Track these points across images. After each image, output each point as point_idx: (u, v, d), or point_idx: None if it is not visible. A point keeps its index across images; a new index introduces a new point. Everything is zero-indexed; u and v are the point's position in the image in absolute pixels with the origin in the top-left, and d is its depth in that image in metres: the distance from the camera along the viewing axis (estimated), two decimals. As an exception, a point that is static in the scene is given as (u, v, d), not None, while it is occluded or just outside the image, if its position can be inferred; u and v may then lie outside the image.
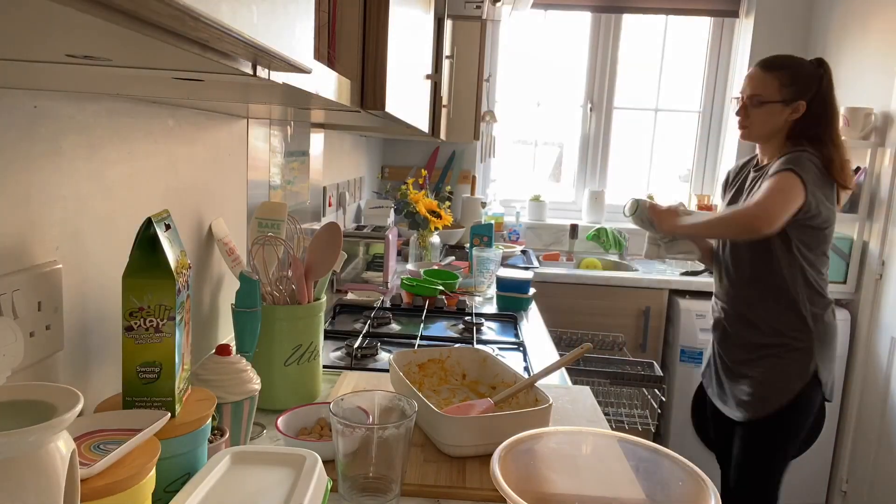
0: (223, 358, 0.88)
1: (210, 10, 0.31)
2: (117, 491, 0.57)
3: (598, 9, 3.28)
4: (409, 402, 0.82)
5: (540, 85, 3.46)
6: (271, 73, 0.51)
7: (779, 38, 3.13)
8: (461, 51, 2.56)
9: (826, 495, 2.70)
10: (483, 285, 2.16)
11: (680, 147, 3.50)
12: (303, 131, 1.69)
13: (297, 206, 1.66)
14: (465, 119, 2.64)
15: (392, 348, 1.49)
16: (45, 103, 0.71)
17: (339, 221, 2.22)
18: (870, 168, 2.56)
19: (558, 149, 3.58)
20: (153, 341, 0.69)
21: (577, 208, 3.49)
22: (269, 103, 0.93)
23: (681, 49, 3.42)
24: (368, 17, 0.91)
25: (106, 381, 0.87)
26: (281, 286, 1.12)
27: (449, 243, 2.99)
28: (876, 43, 2.61)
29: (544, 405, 0.96)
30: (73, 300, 0.79)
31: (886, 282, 2.48)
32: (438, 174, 3.36)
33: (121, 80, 0.59)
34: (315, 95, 0.66)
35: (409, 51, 1.15)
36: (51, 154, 0.73)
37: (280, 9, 0.43)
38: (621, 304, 2.78)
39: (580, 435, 0.83)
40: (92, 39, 0.36)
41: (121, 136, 0.86)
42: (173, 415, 0.71)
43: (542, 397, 1.01)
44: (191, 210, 1.10)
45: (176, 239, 0.73)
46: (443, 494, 0.86)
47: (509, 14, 2.32)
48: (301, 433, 0.96)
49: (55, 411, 0.47)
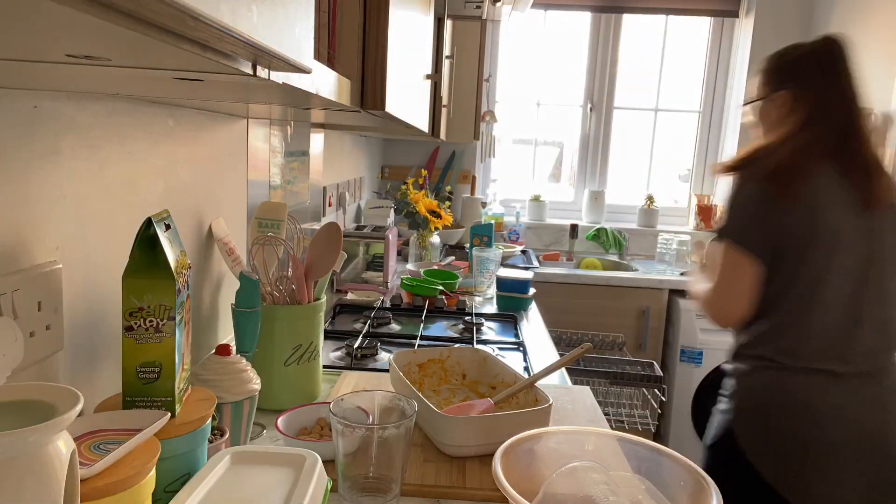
0: (223, 358, 0.88)
1: (210, 10, 0.31)
2: (117, 491, 0.57)
3: (598, 9, 3.28)
4: (409, 402, 0.82)
5: (540, 85, 3.46)
6: (271, 73, 0.51)
7: (779, 39, 3.13)
8: (461, 51, 2.56)
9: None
10: (483, 285, 2.16)
11: (680, 147, 3.50)
12: (303, 131, 1.69)
13: (297, 206, 1.66)
14: (465, 119, 2.64)
15: (392, 348, 1.49)
16: (45, 103, 0.71)
17: (339, 221, 2.22)
18: (870, 168, 2.56)
19: (558, 149, 3.58)
20: (153, 341, 0.69)
21: (577, 208, 3.49)
22: (269, 103, 0.93)
23: (681, 49, 3.43)
24: (368, 17, 0.91)
25: (106, 381, 0.87)
26: (281, 286, 1.12)
27: (449, 243, 2.99)
28: (876, 43, 2.61)
29: (544, 405, 0.96)
30: (73, 300, 0.79)
31: (886, 282, 2.47)
32: (438, 174, 3.37)
33: (121, 80, 0.59)
34: (315, 95, 0.66)
35: (409, 51, 1.15)
36: (51, 154, 0.73)
37: (280, 9, 0.43)
38: (621, 304, 2.78)
39: (580, 435, 0.83)
40: (92, 39, 0.36)
41: (121, 136, 0.86)
42: (173, 415, 0.71)
43: (542, 397, 1.01)
44: (191, 210, 1.10)
45: (176, 239, 0.73)
46: (443, 494, 0.86)
47: (509, 14, 2.32)
48: (301, 433, 0.96)
49: (55, 411, 0.47)
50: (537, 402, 1.02)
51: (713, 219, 3.31)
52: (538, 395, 1.03)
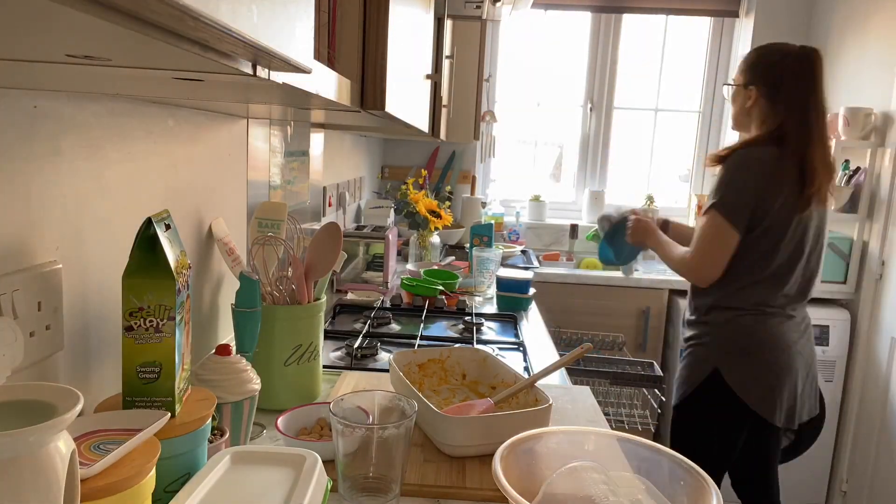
0: (223, 358, 0.88)
1: (210, 10, 0.31)
2: (117, 491, 0.57)
3: (598, 9, 3.28)
4: (409, 402, 0.82)
5: (540, 85, 3.46)
6: (271, 73, 0.51)
7: (779, 39, 3.10)
8: (461, 51, 2.56)
9: (826, 495, 2.70)
10: (483, 285, 2.16)
11: (680, 147, 3.50)
12: (303, 131, 1.69)
13: (297, 206, 1.66)
14: (465, 119, 2.64)
15: (392, 348, 1.49)
16: (45, 103, 0.71)
17: (339, 221, 2.22)
18: (870, 168, 2.56)
19: (558, 149, 3.58)
20: (153, 341, 0.69)
21: (577, 208, 3.49)
22: (269, 103, 0.93)
23: (681, 49, 3.43)
24: (368, 17, 0.91)
25: (106, 381, 0.87)
26: (281, 286, 1.12)
27: (449, 243, 2.99)
28: (876, 43, 2.61)
29: (544, 405, 0.96)
30: (73, 300, 0.79)
31: (886, 282, 2.48)
32: (438, 174, 3.37)
33: (121, 80, 0.59)
34: (315, 95, 0.66)
35: (409, 51, 1.15)
36: (51, 154, 0.73)
37: (280, 9, 0.43)
38: (621, 304, 2.78)
39: (580, 435, 0.83)
40: (92, 39, 0.36)
41: (121, 136, 0.86)
42: (173, 415, 0.71)
43: (542, 397, 1.01)
44: (191, 210, 1.10)
45: (176, 239, 0.73)
46: (443, 494, 0.86)
47: (509, 14, 2.32)
48: (301, 433, 0.96)
49: (55, 411, 0.47)
50: (537, 402, 1.02)
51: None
52: (538, 395, 1.03)
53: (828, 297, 2.65)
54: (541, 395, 1.02)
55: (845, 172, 2.63)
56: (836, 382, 2.62)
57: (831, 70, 2.92)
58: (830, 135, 2.39)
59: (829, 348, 2.60)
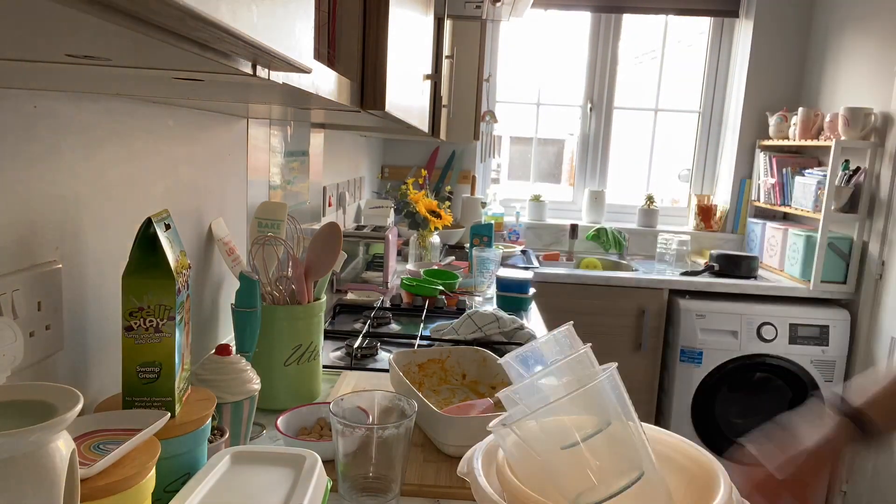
0: (223, 358, 0.88)
1: (210, 10, 0.31)
2: (117, 491, 0.57)
3: (598, 8, 3.28)
4: (409, 402, 0.82)
5: (540, 85, 3.46)
6: (271, 73, 0.51)
7: (779, 39, 3.14)
8: (461, 51, 2.56)
9: (826, 495, 2.70)
10: (483, 285, 2.16)
11: (680, 147, 3.50)
12: (303, 131, 1.69)
13: (297, 206, 1.66)
14: (465, 119, 2.64)
15: (392, 348, 1.49)
16: (45, 103, 0.71)
17: (339, 221, 2.22)
18: (869, 168, 2.56)
19: (558, 149, 3.58)
20: (153, 341, 0.69)
21: (577, 208, 3.49)
22: (268, 103, 0.93)
23: (681, 49, 3.42)
24: (368, 17, 0.91)
25: (106, 381, 0.87)
26: (281, 286, 1.12)
27: (449, 243, 2.99)
28: (876, 43, 2.61)
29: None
30: (73, 300, 0.79)
31: (886, 282, 2.48)
32: (438, 174, 3.36)
33: (121, 80, 0.59)
34: (315, 95, 0.66)
35: (408, 51, 1.15)
36: (51, 154, 0.73)
37: (280, 9, 0.43)
38: (621, 303, 2.78)
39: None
40: (92, 39, 0.36)
41: (121, 136, 0.86)
42: (173, 415, 0.71)
43: (542, 397, 1.01)
44: (191, 210, 1.10)
45: (176, 239, 0.73)
46: (443, 494, 0.86)
47: (509, 14, 2.32)
48: (301, 433, 0.96)
49: (55, 411, 0.47)
50: (537, 402, 1.02)
51: (713, 219, 3.31)
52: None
53: (828, 297, 2.65)
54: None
55: (845, 172, 2.63)
56: (836, 382, 2.62)
57: (831, 70, 2.92)
58: (830, 135, 2.36)
59: (829, 348, 2.60)
